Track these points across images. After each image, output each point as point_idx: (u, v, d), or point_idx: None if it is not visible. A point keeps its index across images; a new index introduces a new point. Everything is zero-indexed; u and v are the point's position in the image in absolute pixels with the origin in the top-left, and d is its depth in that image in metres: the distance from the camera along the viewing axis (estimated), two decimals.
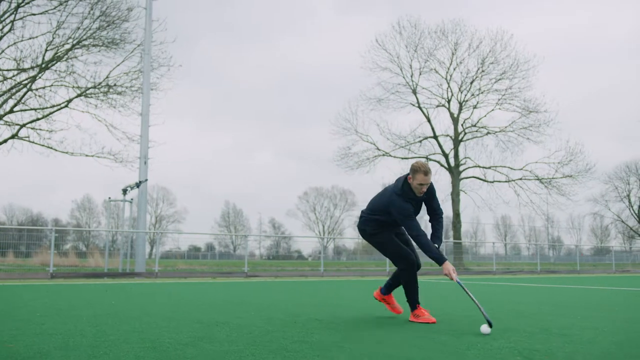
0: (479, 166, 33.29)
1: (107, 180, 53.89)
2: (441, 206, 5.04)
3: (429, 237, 4.77)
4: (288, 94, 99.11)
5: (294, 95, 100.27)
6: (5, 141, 20.42)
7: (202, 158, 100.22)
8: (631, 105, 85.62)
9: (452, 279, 4.51)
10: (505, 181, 33.23)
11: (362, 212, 5.17)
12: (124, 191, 17.76)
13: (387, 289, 5.22)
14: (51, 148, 20.78)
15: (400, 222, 4.80)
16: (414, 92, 32.58)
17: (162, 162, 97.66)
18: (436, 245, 4.75)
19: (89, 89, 20.71)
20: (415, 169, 4.61)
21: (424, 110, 32.91)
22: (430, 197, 4.89)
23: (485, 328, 4.10)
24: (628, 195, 57.19)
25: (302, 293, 9.19)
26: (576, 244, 67.23)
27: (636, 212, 57.19)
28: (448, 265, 4.53)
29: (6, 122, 20.50)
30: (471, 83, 32.57)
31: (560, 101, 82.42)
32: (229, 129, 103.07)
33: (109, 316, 5.13)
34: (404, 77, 32.52)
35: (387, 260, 20.39)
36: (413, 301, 4.92)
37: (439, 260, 4.56)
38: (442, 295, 8.73)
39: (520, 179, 33.14)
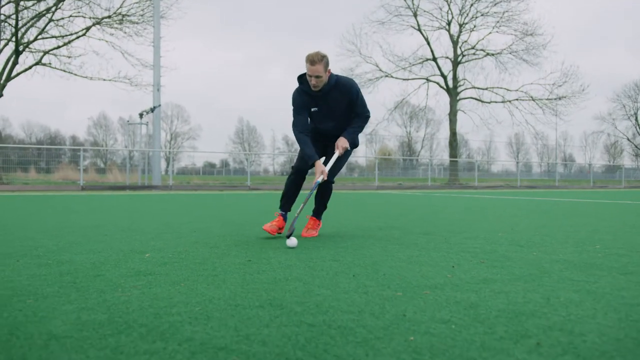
0: (476, 87, 34.75)
1: (121, 98, 55.77)
2: (367, 111, 4.57)
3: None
4: (299, 7, 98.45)
5: (305, 8, 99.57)
6: (30, 67, 22.46)
7: (215, 74, 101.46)
8: None
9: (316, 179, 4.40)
10: (501, 102, 34.73)
11: None
12: (141, 115, 19.98)
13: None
14: (72, 73, 22.83)
15: None
16: (415, 15, 33.58)
17: (176, 82, 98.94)
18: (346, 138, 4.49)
19: (104, 18, 22.43)
20: (305, 59, 4.20)
21: (424, 32, 34.02)
22: (351, 104, 4.46)
23: (291, 242, 3.85)
24: (635, 114, 57.97)
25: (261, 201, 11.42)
26: (589, 162, 68.90)
27: None
28: (318, 166, 4.37)
29: (30, 49, 22.44)
30: (471, 6, 33.43)
31: (575, 18, 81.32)
32: (239, 44, 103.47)
33: (136, 210, 7.42)
34: (405, 0, 33.45)
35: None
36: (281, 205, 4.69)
37: (310, 159, 4.39)
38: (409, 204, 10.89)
39: (517, 99, 34.64)
